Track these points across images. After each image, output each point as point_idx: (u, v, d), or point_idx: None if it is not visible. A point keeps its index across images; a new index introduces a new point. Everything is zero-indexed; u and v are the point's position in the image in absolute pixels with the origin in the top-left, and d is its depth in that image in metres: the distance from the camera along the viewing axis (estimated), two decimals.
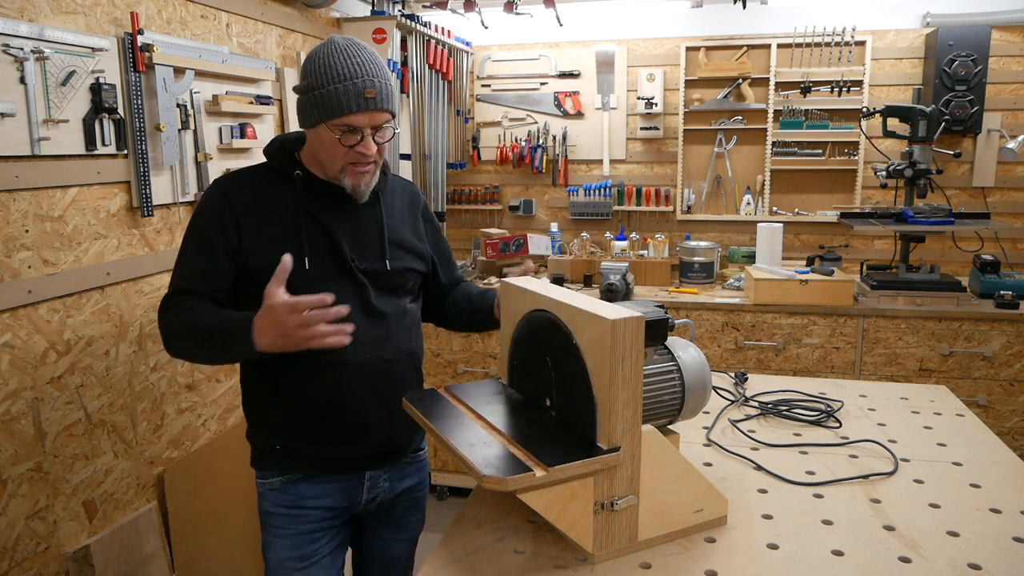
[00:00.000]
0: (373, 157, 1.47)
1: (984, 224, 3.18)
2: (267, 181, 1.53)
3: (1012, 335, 2.97)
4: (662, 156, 3.85)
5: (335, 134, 1.43)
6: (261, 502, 1.58)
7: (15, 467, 1.75)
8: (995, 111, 3.44)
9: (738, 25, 3.66)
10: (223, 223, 1.47)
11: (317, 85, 1.42)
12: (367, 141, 1.44)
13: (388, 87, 1.45)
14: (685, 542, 1.25)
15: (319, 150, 1.48)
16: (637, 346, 1.12)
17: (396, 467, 1.65)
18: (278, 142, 1.55)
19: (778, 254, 3.41)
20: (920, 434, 1.71)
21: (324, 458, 1.54)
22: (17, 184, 1.72)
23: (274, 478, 1.56)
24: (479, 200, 4.07)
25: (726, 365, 3.21)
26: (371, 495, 1.62)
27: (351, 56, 1.42)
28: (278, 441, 1.53)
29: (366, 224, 1.56)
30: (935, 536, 1.26)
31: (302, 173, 1.51)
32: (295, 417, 1.52)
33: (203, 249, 1.47)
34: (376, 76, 1.43)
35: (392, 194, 1.65)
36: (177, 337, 1.45)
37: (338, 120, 1.42)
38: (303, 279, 1.43)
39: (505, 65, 3.96)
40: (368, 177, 1.50)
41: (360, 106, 1.41)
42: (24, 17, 1.73)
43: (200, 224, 1.49)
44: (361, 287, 1.52)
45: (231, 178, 1.55)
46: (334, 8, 3.11)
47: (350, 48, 1.43)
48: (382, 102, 1.44)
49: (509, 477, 1.05)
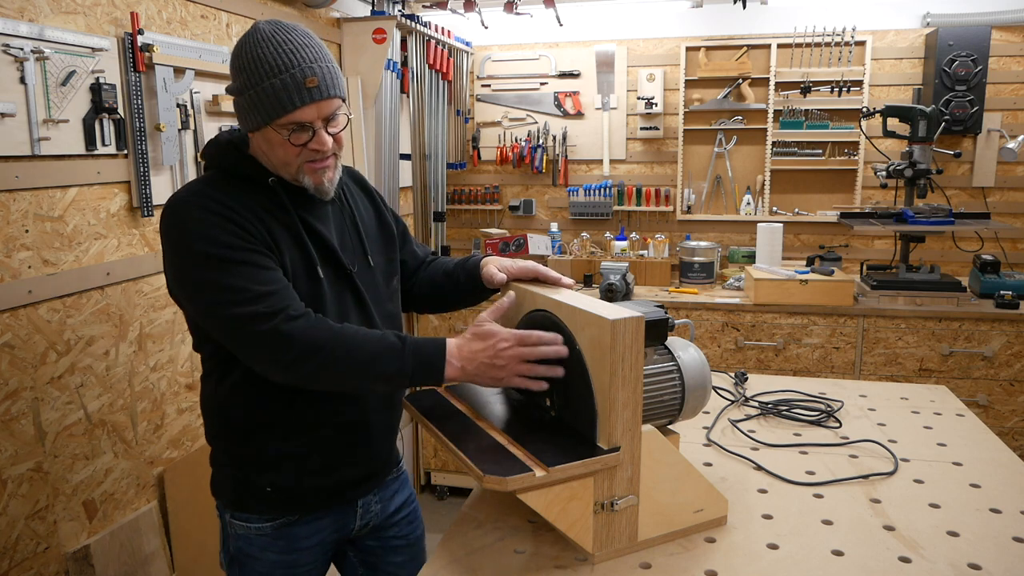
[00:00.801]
0: (330, 150, 1.31)
1: (984, 224, 3.19)
2: (237, 188, 1.31)
3: (1012, 335, 2.97)
4: (662, 156, 3.85)
5: (282, 134, 1.26)
6: (243, 545, 1.42)
7: (15, 467, 1.75)
8: (995, 111, 3.44)
9: (738, 25, 3.66)
10: (241, 225, 1.25)
11: (251, 83, 1.23)
12: (320, 136, 1.27)
13: (331, 70, 1.27)
14: (685, 542, 1.25)
15: (269, 154, 1.30)
16: (637, 346, 1.12)
17: (383, 487, 1.54)
18: (229, 144, 1.35)
19: (778, 254, 3.41)
20: (920, 434, 1.71)
21: (323, 491, 1.41)
22: (17, 184, 1.72)
23: (263, 523, 1.40)
24: (479, 200, 4.07)
25: (726, 365, 3.21)
26: (364, 521, 1.52)
27: (281, 43, 1.23)
28: (269, 481, 1.37)
29: (343, 224, 1.44)
30: (935, 536, 1.26)
31: (275, 178, 1.33)
32: (303, 446, 1.37)
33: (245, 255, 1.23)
34: (315, 60, 1.24)
35: (347, 186, 1.50)
36: (328, 350, 1.20)
37: (283, 120, 1.24)
38: (315, 290, 1.32)
39: (505, 65, 3.96)
40: (330, 172, 1.34)
41: (304, 99, 1.23)
42: (24, 17, 1.73)
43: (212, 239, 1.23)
44: (358, 292, 1.41)
45: (197, 194, 1.29)
46: (334, 8, 3.11)
47: (278, 34, 1.24)
48: (327, 88, 1.25)
49: (509, 477, 1.05)
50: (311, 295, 1.32)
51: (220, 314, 1.23)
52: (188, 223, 1.25)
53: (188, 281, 1.26)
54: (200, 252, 1.23)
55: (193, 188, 1.31)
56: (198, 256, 1.23)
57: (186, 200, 1.28)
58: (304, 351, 1.20)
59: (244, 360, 1.27)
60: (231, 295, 1.21)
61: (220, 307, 1.22)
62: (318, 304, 1.32)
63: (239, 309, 1.20)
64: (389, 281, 1.51)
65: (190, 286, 1.26)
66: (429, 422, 1.28)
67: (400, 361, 1.21)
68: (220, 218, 1.24)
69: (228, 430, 1.40)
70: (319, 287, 1.33)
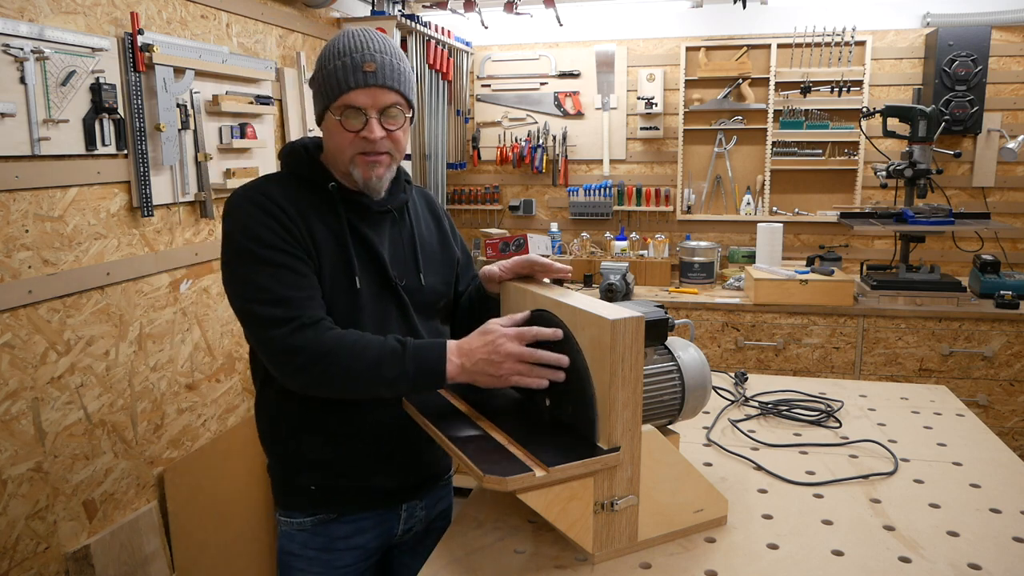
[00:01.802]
0: (384, 146, 1.31)
1: (984, 224, 3.18)
2: (297, 188, 1.35)
3: (1012, 335, 2.97)
4: (662, 156, 3.85)
5: (337, 117, 1.29)
6: (286, 543, 1.45)
7: (15, 467, 1.75)
8: (995, 111, 3.44)
9: (738, 25, 3.66)
10: (285, 227, 1.28)
11: (319, 68, 1.31)
12: (371, 124, 1.28)
13: (394, 64, 1.29)
14: (685, 542, 1.25)
15: (329, 143, 1.34)
16: (637, 346, 1.12)
17: (432, 495, 1.56)
18: (301, 148, 1.39)
19: (778, 254, 3.41)
20: (920, 434, 1.71)
21: (365, 494, 1.43)
22: (17, 184, 1.72)
23: (304, 518, 1.43)
24: (479, 200, 4.07)
25: (726, 365, 3.21)
26: (407, 526, 1.52)
27: (356, 35, 1.30)
28: (315, 480, 1.40)
29: (399, 238, 1.44)
30: (935, 536, 1.26)
31: (336, 184, 1.36)
32: (343, 452, 1.39)
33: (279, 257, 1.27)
34: (378, 51, 1.27)
35: (413, 202, 1.51)
36: (333, 357, 1.22)
37: (338, 102, 1.28)
38: (352, 298, 1.34)
39: (505, 65, 3.96)
40: (381, 169, 1.33)
41: (358, 81, 1.26)
42: (24, 17, 1.73)
43: (256, 237, 1.27)
44: (403, 306, 1.41)
45: (256, 189, 1.33)
46: (334, 8, 3.12)
47: (358, 31, 1.31)
48: (384, 77, 1.27)
49: (509, 477, 1.05)
50: (347, 302, 1.34)
51: (243, 308, 1.28)
52: (238, 215, 1.30)
53: (227, 269, 1.32)
54: (241, 245, 1.28)
55: (255, 183, 1.36)
56: (239, 248, 1.28)
57: (243, 194, 1.33)
58: (309, 359, 1.22)
59: (261, 358, 1.32)
60: (256, 293, 1.25)
61: (245, 302, 1.27)
62: (353, 312, 1.34)
63: (260, 308, 1.25)
64: (440, 300, 1.51)
65: (227, 274, 1.32)
66: (429, 422, 1.28)
67: (401, 364, 1.22)
68: (267, 216, 1.28)
69: (273, 432, 1.44)
70: (356, 296, 1.34)
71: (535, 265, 1.40)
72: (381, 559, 1.56)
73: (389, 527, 1.49)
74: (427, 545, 1.53)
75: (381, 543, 1.50)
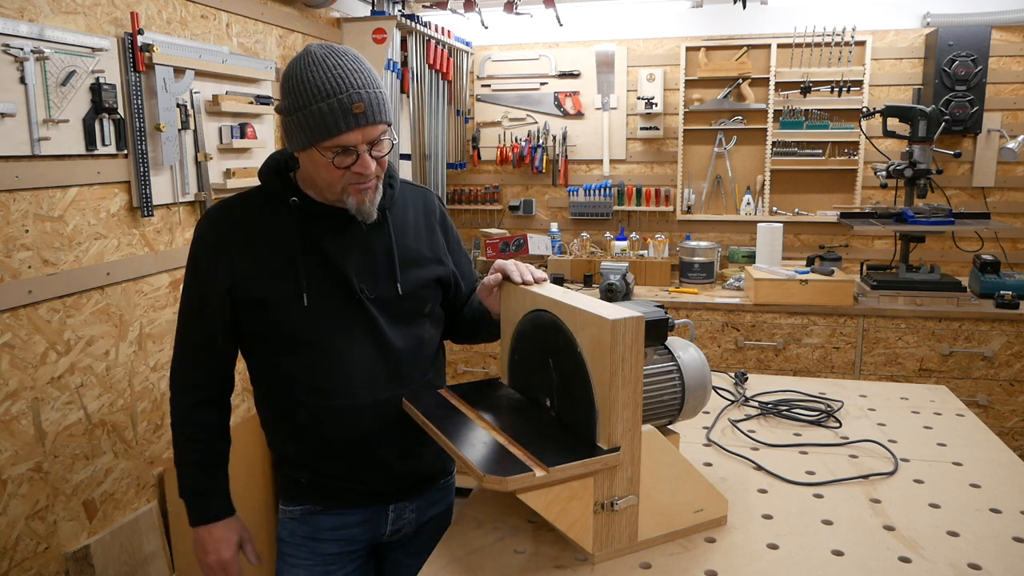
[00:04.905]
0: (373, 174, 1.33)
1: (984, 224, 3.19)
2: (262, 208, 1.40)
3: (1012, 335, 2.97)
4: (662, 156, 3.85)
5: (327, 157, 1.28)
6: (280, 530, 1.53)
7: (15, 467, 1.75)
8: (995, 111, 3.44)
9: (738, 25, 3.66)
10: (214, 262, 1.38)
11: (299, 105, 1.26)
12: (364, 160, 1.29)
13: (378, 96, 1.28)
14: (685, 542, 1.25)
15: (314, 174, 1.34)
16: (637, 346, 1.12)
17: (423, 498, 1.56)
18: (273, 163, 1.42)
19: (778, 254, 3.41)
20: (920, 434, 1.71)
21: (349, 493, 1.47)
22: (17, 184, 1.72)
23: (294, 507, 1.50)
24: (479, 200, 4.07)
25: (726, 365, 3.21)
26: (396, 527, 1.54)
27: (332, 68, 1.25)
28: (304, 474, 1.47)
29: (374, 246, 1.43)
30: (935, 536, 1.26)
31: (299, 199, 1.37)
32: (317, 454, 1.45)
33: (196, 297, 1.42)
34: (363, 87, 1.26)
35: (403, 206, 1.50)
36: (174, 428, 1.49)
37: (328, 143, 1.27)
38: (302, 316, 1.36)
39: (505, 65, 3.96)
40: (372, 194, 1.36)
41: (350, 124, 1.25)
42: (24, 17, 1.73)
43: (193, 266, 1.42)
44: (372, 320, 1.40)
45: (221, 210, 1.42)
46: (334, 8, 3.11)
47: (329, 58, 1.26)
48: (374, 115, 1.27)
49: (509, 477, 1.05)
50: (296, 321, 1.37)
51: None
52: (195, 233, 1.44)
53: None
54: (189, 259, 1.44)
55: (226, 201, 1.45)
56: (187, 262, 1.44)
57: (208, 213, 1.44)
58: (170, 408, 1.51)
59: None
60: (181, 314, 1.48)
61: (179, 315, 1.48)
62: (305, 331, 1.38)
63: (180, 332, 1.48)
64: (424, 306, 1.50)
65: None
66: (429, 422, 1.28)
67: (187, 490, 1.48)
68: (207, 243, 1.41)
69: (268, 433, 1.54)
70: (306, 314, 1.38)
71: (506, 271, 1.42)
72: (375, 555, 1.61)
73: (376, 525, 1.52)
74: (419, 544, 1.57)
75: (369, 538, 1.53)
